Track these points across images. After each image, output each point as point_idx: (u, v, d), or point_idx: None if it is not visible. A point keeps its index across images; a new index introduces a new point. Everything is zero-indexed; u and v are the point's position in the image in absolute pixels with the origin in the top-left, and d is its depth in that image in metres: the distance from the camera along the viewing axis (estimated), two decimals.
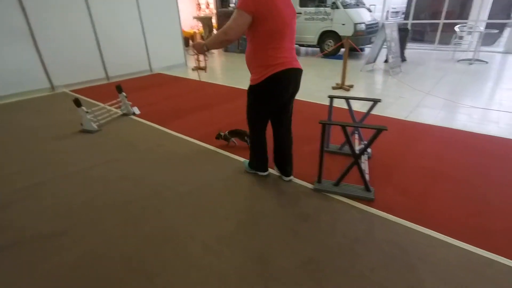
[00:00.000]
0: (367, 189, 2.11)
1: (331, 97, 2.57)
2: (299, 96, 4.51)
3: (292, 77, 1.94)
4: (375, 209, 1.99)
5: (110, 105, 3.93)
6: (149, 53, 6.58)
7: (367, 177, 2.16)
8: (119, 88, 3.78)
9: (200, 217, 1.96)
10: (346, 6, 7.38)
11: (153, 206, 2.08)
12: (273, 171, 2.47)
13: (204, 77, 6.20)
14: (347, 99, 2.54)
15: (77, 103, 3.20)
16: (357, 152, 2.01)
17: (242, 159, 2.69)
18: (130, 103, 3.92)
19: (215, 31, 10.41)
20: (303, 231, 1.81)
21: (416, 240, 1.73)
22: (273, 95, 1.96)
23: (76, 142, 3.15)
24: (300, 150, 2.83)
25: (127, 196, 2.20)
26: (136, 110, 3.96)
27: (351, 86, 4.97)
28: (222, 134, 2.94)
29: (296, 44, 8.57)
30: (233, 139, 2.95)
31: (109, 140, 3.17)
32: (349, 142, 1.96)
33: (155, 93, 5.06)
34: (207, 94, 4.89)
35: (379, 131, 1.85)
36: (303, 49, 9.71)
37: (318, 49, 8.45)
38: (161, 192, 2.24)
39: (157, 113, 3.99)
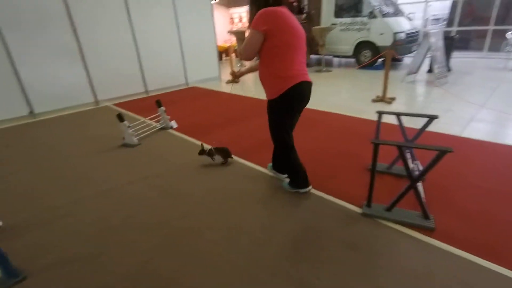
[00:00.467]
0: (426, 216, 1.89)
1: (380, 113, 2.39)
2: (335, 109, 4.38)
3: (305, 88, 2.03)
4: (436, 240, 1.76)
5: (150, 119, 4.02)
6: (186, 67, 6.76)
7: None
8: (158, 103, 3.86)
9: (241, 242, 1.85)
10: (384, 15, 7.11)
11: (192, 226, 2.01)
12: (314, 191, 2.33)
13: (236, 89, 6.22)
14: (398, 115, 2.34)
15: (120, 118, 3.29)
16: (414, 175, 1.81)
17: (284, 179, 2.57)
18: (169, 117, 3.98)
19: None
20: (354, 263, 1.64)
21: (489, 279, 1.49)
22: (295, 105, 2.06)
23: (117, 156, 3.22)
24: (341, 168, 2.66)
25: (165, 215, 2.16)
26: (174, 124, 4.02)
27: (393, 99, 4.69)
28: (206, 149, 2.84)
29: (330, 55, 8.49)
30: (216, 156, 2.85)
31: (148, 155, 3.20)
32: (405, 164, 1.77)
33: (191, 106, 5.13)
34: (240, 107, 4.87)
35: (442, 153, 1.65)
36: (336, 60, 9.50)
37: (351, 59, 8.22)
38: (200, 211, 2.18)
39: (193, 127, 4.01)
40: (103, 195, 2.47)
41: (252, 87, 6.48)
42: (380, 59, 7.59)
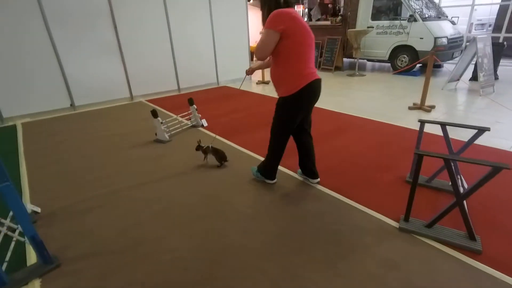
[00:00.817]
0: (472, 237, 1.74)
1: (422, 122, 2.24)
2: (369, 115, 4.21)
3: (318, 86, 2.12)
4: (483, 265, 1.61)
5: (182, 117, 4.08)
6: (218, 67, 6.83)
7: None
8: (191, 101, 3.91)
9: (273, 249, 1.79)
10: (425, 18, 6.77)
11: (222, 228, 1.99)
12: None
13: (266, 91, 6.19)
14: (443, 125, 2.19)
15: (154, 114, 3.37)
16: (461, 191, 1.67)
17: (314, 184, 2.49)
18: (200, 115, 4.02)
19: None
20: (390, 281, 1.53)
21: None
22: (307, 103, 2.14)
23: (149, 151, 3.30)
24: (376, 178, 2.53)
25: (195, 213, 2.16)
26: (204, 122, 4.05)
27: (433, 107, 4.43)
28: (203, 146, 2.86)
29: (364, 59, 8.21)
30: (209, 155, 2.87)
31: (179, 152, 3.24)
32: (453, 179, 1.64)
33: (221, 106, 5.16)
34: (272, 110, 4.81)
35: (497, 169, 1.50)
36: (369, 64, 9.18)
37: (385, 64, 7.87)
38: (229, 212, 2.16)
39: (223, 126, 4.02)
40: (135, 189, 2.52)
41: None
42: (418, 65, 7.25)
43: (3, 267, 1.58)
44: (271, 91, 6.17)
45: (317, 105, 5.12)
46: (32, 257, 1.78)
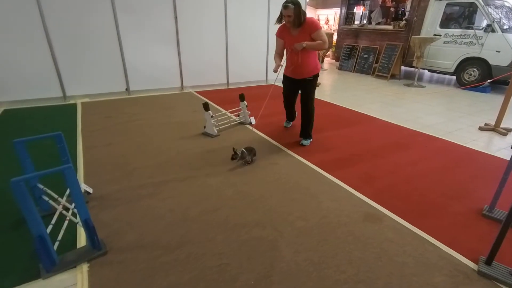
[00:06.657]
0: None
1: None
2: (432, 131, 3.81)
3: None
4: None
5: (231, 113, 4.02)
6: (268, 64, 6.71)
7: None
8: (242, 96, 3.82)
9: (324, 272, 1.62)
10: (505, 30, 6.04)
11: (270, 238, 1.85)
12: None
13: (317, 94, 5.93)
14: None
15: (206, 107, 3.33)
16: None
17: (368, 201, 2.26)
18: (249, 112, 3.93)
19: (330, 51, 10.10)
20: None
21: None
22: None
23: (197, 144, 3.26)
24: (444, 207, 2.22)
25: (243, 217, 2.04)
26: (252, 120, 3.95)
27: (509, 130, 3.90)
28: (238, 153, 2.72)
29: (424, 69, 7.58)
30: (248, 156, 2.75)
31: (227, 149, 3.15)
32: None
33: (269, 105, 4.99)
34: (322, 114, 4.58)
35: None
36: (427, 74, 8.47)
37: (445, 76, 7.17)
38: (277, 222, 2.01)
39: (270, 127, 3.89)
40: (184, 182, 2.47)
41: (334, 94, 6.12)
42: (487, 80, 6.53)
43: (54, 246, 1.58)
44: (320, 95, 5.91)
45: (371, 114, 4.79)
46: (82, 239, 1.78)
